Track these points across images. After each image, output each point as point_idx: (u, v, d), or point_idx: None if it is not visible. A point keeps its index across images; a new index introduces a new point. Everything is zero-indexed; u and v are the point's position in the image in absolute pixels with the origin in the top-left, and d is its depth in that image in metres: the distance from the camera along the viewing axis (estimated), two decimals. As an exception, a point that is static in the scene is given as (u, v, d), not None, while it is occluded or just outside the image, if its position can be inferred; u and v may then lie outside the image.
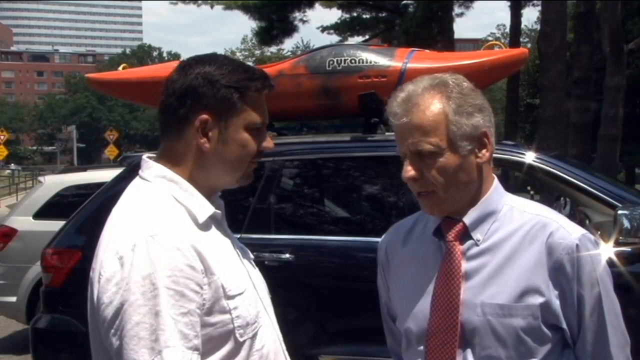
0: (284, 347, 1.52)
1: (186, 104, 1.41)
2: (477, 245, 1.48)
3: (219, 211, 1.46)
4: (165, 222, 1.33)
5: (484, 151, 1.47)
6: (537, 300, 1.42)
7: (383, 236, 1.70)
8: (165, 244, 1.29)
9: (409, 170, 1.45)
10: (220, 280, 1.34)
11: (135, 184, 1.45)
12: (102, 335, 1.31)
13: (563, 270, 1.43)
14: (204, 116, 1.40)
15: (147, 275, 1.26)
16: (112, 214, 1.41)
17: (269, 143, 1.49)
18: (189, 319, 1.27)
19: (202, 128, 1.40)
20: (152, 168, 1.44)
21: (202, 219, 1.40)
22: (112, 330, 1.27)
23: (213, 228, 1.44)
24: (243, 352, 1.38)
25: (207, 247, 1.35)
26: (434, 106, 1.43)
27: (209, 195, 1.47)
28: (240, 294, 1.38)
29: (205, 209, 1.42)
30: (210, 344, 1.33)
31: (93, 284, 1.33)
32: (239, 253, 1.50)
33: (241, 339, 1.37)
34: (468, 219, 1.49)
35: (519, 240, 1.46)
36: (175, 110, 1.42)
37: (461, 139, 1.43)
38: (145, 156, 1.48)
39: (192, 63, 1.44)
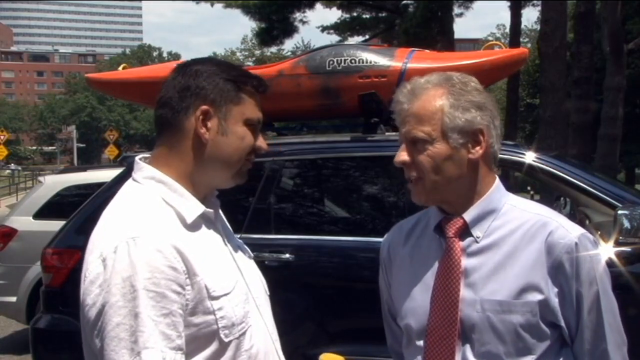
0: (278, 346, 1.52)
1: (186, 98, 1.44)
2: (477, 242, 1.50)
3: (210, 210, 1.46)
4: (148, 224, 1.34)
5: (477, 148, 1.49)
6: (536, 297, 1.44)
7: (385, 235, 1.72)
8: (146, 246, 1.30)
9: (400, 155, 1.51)
10: (203, 282, 1.35)
11: (126, 186, 1.47)
12: (86, 335, 1.33)
13: (562, 269, 1.45)
14: (205, 107, 1.43)
15: (127, 277, 1.27)
16: (102, 215, 1.42)
17: (263, 143, 1.51)
18: (170, 320, 1.28)
19: (202, 118, 1.43)
20: (142, 169, 1.46)
21: (190, 219, 1.40)
22: (95, 331, 1.29)
23: (203, 228, 1.44)
24: (229, 352, 1.38)
25: (192, 248, 1.36)
26: (433, 98, 1.49)
27: (205, 194, 1.48)
28: (226, 295, 1.38)
29: (194, 209, 1.42)
30: (193, 344, 1.33)
31: (80, 284, 1.35)
32: (232, 252, 1.50)
33: (226, 340, 1.37)
34: (468, 216, 1.51)
35: (519, 238, 1.48)
36: (176, 104, 1.44)
37: (453, 131, 1.47)
38: (138, 157, 1.50)
39: (191, 63, 1.50)
